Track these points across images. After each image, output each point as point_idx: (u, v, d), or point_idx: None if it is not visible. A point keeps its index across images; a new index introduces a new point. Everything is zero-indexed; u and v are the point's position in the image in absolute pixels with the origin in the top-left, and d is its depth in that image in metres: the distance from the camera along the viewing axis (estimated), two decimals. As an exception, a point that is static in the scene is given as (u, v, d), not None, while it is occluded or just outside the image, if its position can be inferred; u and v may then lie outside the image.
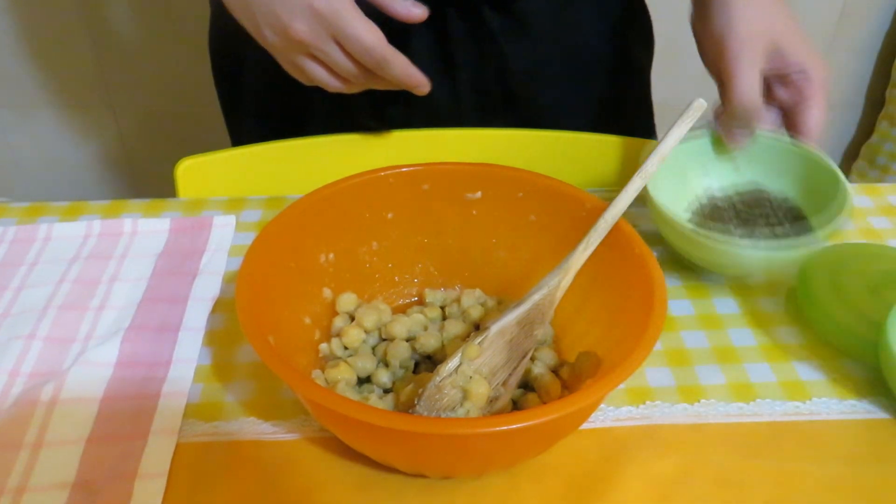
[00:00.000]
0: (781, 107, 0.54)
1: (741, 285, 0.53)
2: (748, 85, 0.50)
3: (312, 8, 0.48)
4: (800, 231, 0.51)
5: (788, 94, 0.53)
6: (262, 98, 0.71)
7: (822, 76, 0.52)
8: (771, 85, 0.53)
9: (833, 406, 0.44)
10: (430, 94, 0.67)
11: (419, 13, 0.51)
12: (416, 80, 0.53)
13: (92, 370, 0.45)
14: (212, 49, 0.74)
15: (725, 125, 0.53)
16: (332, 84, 0.53)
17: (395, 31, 0.63)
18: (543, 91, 0.68)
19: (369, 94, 0.58)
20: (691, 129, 0.49)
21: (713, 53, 0.53)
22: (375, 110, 0.68)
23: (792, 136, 0.53)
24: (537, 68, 0.66)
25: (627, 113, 0.74)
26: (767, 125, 0.54)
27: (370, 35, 0.49)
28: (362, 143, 0.67)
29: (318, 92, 0.55)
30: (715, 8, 0.53)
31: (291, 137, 0.67)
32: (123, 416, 0.42)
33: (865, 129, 1.44)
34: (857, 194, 0.63)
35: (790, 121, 0.53)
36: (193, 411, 0.43)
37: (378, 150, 0.68)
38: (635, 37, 0.72)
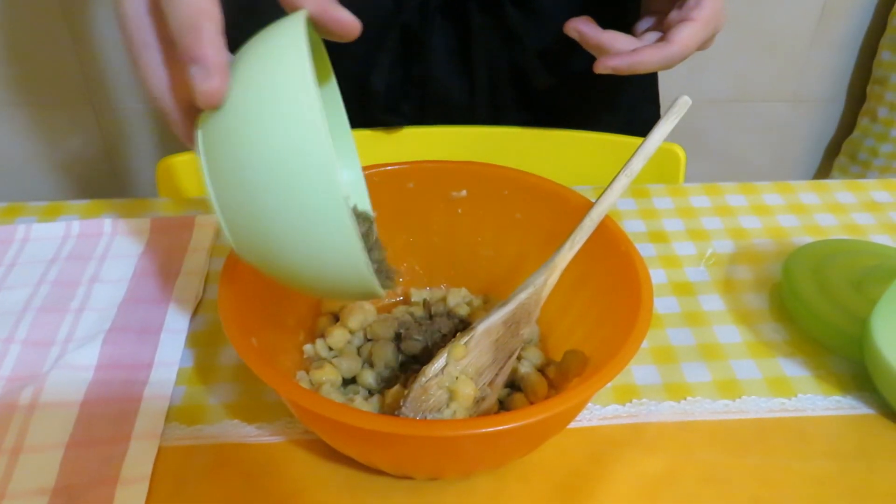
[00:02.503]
0: (664, 28, 0.53)
1: (726, 282, 0.53)
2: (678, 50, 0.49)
3: None
4: None
5: (676, 15, 0.51)
6: None
7: (713, 7, 0.50)
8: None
9: (818, 402, 0.44)
10: (447, 91, 0.66)
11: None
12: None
13: (72, 373, 0.44)
14: None
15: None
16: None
17: (416, 28, 0.62)
18: (561, 87, 0.68)
19: (385, 89, 0.56)
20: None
21: None
22: (389, 105, 0.67)
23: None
24: (556, 65, 0.66)
25: (639, 106, 0.74)
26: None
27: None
28: (374, 139, 0.66)
29: None
30: None
31: None
32: (104, 420, 0.42)
33: (847, 124, 1.45)
34: (840, 190, 0.63)
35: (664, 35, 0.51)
36: (176, 414, 0.43)
37: (390, 146, 0.67)
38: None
